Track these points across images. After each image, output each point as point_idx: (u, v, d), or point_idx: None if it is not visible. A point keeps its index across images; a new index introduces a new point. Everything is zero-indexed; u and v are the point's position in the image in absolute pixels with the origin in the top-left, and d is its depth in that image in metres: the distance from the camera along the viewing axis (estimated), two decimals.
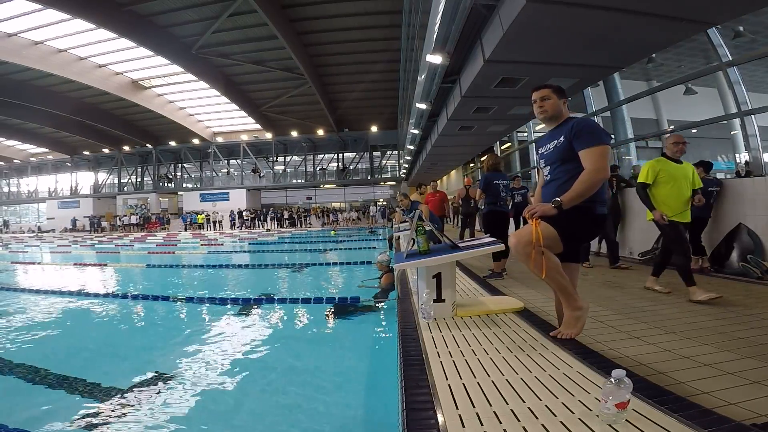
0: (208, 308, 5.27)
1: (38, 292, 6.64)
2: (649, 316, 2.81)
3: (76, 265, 10.86)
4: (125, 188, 34.33)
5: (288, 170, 33.44)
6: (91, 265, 10.81)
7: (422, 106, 9.39)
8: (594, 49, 5.12)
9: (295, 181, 33.05)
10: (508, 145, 14.63)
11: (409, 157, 20.78)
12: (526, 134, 12.90)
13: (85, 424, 2.43)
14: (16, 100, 21.97)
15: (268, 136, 29.91)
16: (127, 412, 2.56)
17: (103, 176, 35.48)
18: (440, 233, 3.45)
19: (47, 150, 33.84)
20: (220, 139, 31.80)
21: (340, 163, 32.60)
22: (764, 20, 7.55)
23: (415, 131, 12.90)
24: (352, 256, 9.87)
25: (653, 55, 8.07)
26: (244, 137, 31.34)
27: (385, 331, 3.95)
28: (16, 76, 20.69)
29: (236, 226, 26.66)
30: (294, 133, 29.88)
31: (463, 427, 1.40)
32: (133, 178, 34.77)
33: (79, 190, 35.26)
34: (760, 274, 3.96)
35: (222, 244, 16.49)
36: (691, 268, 3.28)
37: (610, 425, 1.35)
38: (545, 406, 1.51)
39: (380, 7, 16.30)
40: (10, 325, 4.87)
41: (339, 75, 22.17)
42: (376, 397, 2.69)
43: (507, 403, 1.55)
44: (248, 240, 17.94)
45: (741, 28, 7.15)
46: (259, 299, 5.47)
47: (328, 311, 4.71)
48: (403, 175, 29.14)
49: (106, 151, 32.94)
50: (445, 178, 25.18)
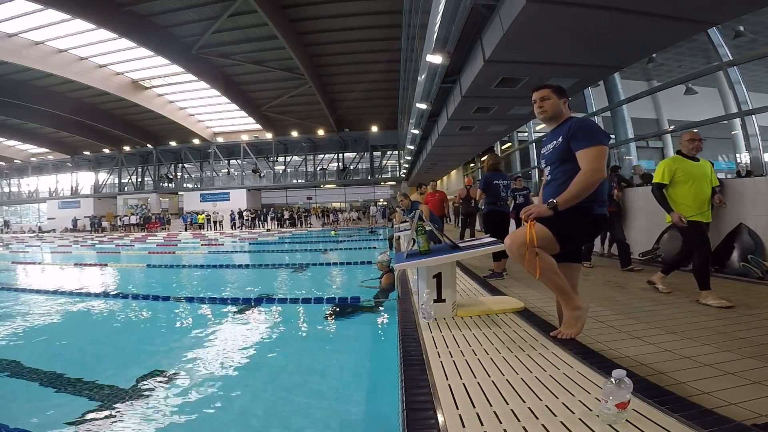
0: (209, 308, 5.27)
1: (39, 292, 6.65)
2: (650, 317, 2.81)
3: (77, 265, 10.87)
4: (126, 188, 34.35)
5: (288, 170, 33.45)
6: (92, 265, 10.82)
7: (422, 106, 9.39)
8: (594, 49, 5.11)
9: (295, 181, 33.06)
10: (509, 145, 14.62)
11: (409, 157, 20.78)
12: (526, 134, 12.89)
13: (85, 423, 2.43)
14: (17, 101, 22.00)
15: (269, 136, 29.91)
16: (128, 411, 2.56)
17: (103, 176, 35.51)
18: (440, 233, 3.45)
19: (48, 150, 33.87)
20: (220, 139, 31.81)
21: (340, 163, 32.59)
22: (764, 20, 7.54)
23: (416, 131, 12.90)
24: (352, 256, 9.87)
25: (653, 55, 8.07)
26: (245, 137, 31.35)
27: (386, 331, 3.95)
28: (16, 76, 20.70)
29: (236, 226, 26.68)
30: (294, 133, 29.88)
31: (464, 427, 1.40)
32: (134, 178, 34.78)
33: (80, 190, 35.30)
34: (761, 274, 3.96)
35: (222, 245, 16.49)
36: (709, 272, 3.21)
37: (610, 425, 1.35)
38: (545, 406, 1.51)
39: (380, 7, 16.30)
40: (10, 325, 4.86)
41: (339, 75, 22.17)
42: (377, 397, 2.69)
43: (507, 403, 1.55)
44: (248, 240, 17.95)
45: (741, 28, 7.14)
46: (260, 299, 5.47)
47: (329, 311, 4.71)
48: (404, 175, 29.14)
49: (106, 151, 32.96)
50: (445, 178, 25.18)
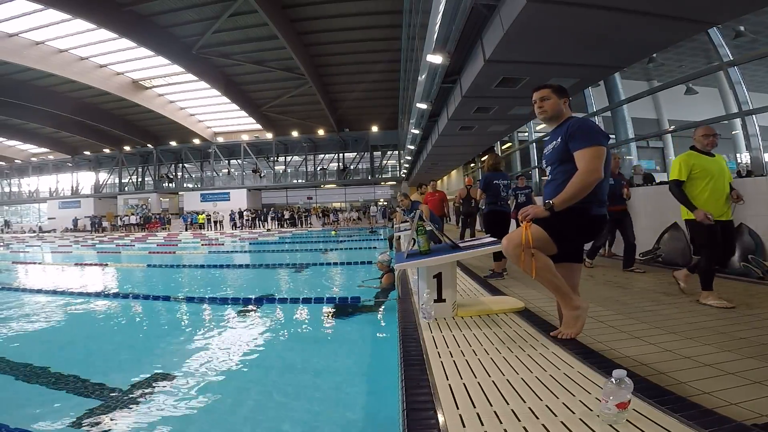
0: (209, 308, 5.28)
1: (39, 292, 6.65)
2: (650, 317, 2.81)
3: (77, 265, 10.88)
4: (126, 188, 34.37)
5: (288, 170, 33.47)
6: (92, 265, 10.83)
7: (423, 106, 9.39)
8: (595, 49, 5.11)
9: (295, 181, 33.07)
10: (509, 145, 14.62)
11: (409, 157, 20.78)
12: (526, 134, 12.89)
13: (85, 423, 2.43)
14: (17, 101, 22.02)
15: (269, 136, 29.92)
16: (128, 411, 2.57)
17: (103, 176, 35.54)
18: (441, 233, 3.45)
19: (48, 150, 33.89)
20: (220, 139, 31.83)
21: (340, 163, 32.60)
22: (765, 20, 7.53)
23: (416, 131, 12.89)
24: (352, 256, 9.87)
25: (654, 55, 8.06)
26: (245, 137, 31.36)
27: (386, 331, 3.95)
28: (16, 77, 20.73)
29: (237, 226, 26.69)
30: (294, 133, 29.89)
31: (464, 426, 1.40)
32: (134, 178, 34.81)
33: (80, 190, 35.34)
34: (761, 274, 3.96)
35: (223, 244, 16.50)
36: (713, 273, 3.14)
37: (610, 425, 1.35)
38: (546, 406, 1.51)
39: (381, 7, 16.31)
40: (10, 324, 4.87)
41: (339, 75, 22.18)
42: (377, 397, 2.69)
43: (507, 403, 1.55)
44: (249, 240, 17.96)
45: (742, 28, 7.13)
46: (260, 299, 5.47)
47: (329, 311, 4.71)
48: (404, 175, 29.15)
49: (106, 151, 32.99)
50: (445, 178, 25.18)
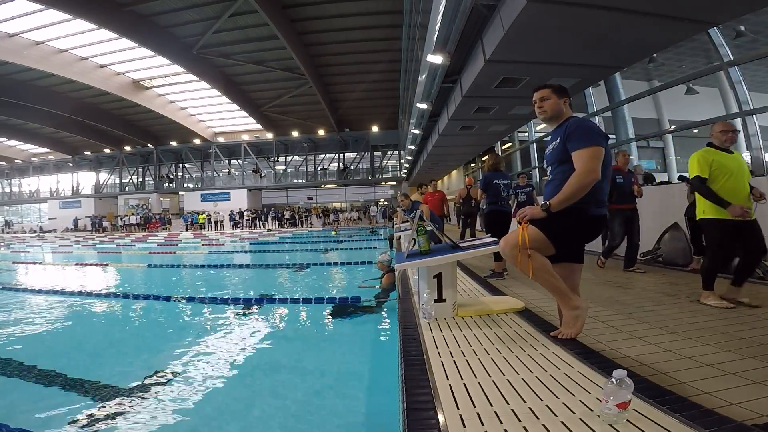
0: (209, 308, 5.28)
1: (40, 291, 6.65)
2: (651, 317, 2.80)
3: (78, 265, 10.88)
4: (126, 188, 34.39)
5: (289, 170, 33.48)
6: (93, 265, 10.83)
7: (423, 106, 9.39)
8: (595, 49, 5.11)
9: (296, 181, 33.08)
10: (509, 144, 14.61)
11: (410, 157, 20.78)
12: (527, 134, 12.88)
13: (86, 423, 2.43)
14: (18, 101, 22.03)
15: (269, 136, 29.92)
16: (128, 411, 2.57)
17: (104, 176, 35.56)
18: (441, 233, 3.45)
19: (49, 150, 33.91)
20: (221, 139, 31.83)
21: (341, 163, 32.60)
22: (766, 20, 7.51)
23: (416, 131, 12.89)
24: (352, 256, 9.87)
25: (654, 55, 8.05)
26: (245, 137, 31.37)
27: (386, 331, 3.95)
28: (17, 77, 20.74)
29: (237, 226, 26.70)
30: (295, 133, 29.89)
31: (464, 427, 1.40)
32: (135, 178, 34.82)
33: (81, 190, 35.36)
34: (762, 274, 3.95)
35: (223, 244, 16.51)
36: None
37: (611, 425, 1.35)
38: (546, 406, 1.51)
39: (381, 7, 16.30)
40: (11, 324, 4.87)
41: (340, 75, 22.18)
42: (377, 397, 2.69)
43: (508, 403, 1.55)
44: (249, 240, 17.96)
45: (742, 28, 7.12)
46: (260, 299, 5.47)
47: (329, 311, 4.71)
48: (404, 175, 29.15)
49: (107, 151, 33.00)
50: (446, 178, 25.17)
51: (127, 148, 32.88)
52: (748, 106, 5.32)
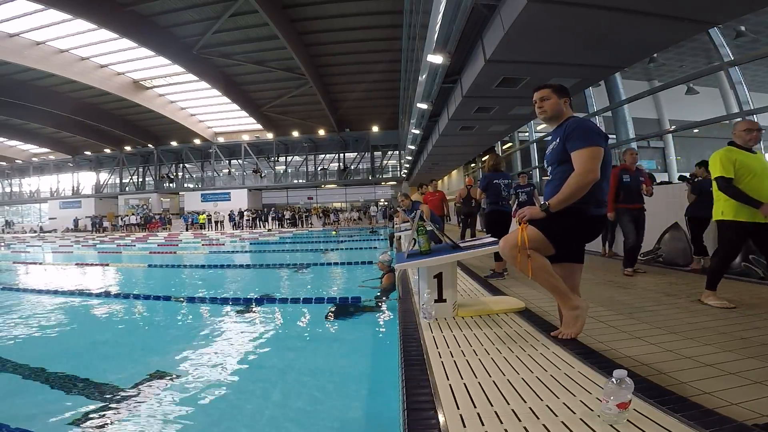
0: (210, 308, 5.28)
1: (40, 291, 6.66)
2: (651, 317, 2.80)
3: (78, 265, 10.89)
4: (127, 188, 34.38)
5: (289, 170, 33.47)
6: (93, 265, 10.84)
7: (423, 106, 9.39)
8: (595, 49, 5.11)
9: (296, 181, 33.07)
10: (510, 144, 14.61)
11: (410, 157, 20.77)
12: (527, 134, 12.88)
13: (86, 423, 2.43)
14: (18, 101, 22.03)
15: (270, 136, 29.92)
16: (129, 411, 2.57)
17: (104, 176, 35.54)
18: (441, 233, 3.45)
19: (49, 150, 33.91)
20: (221, 139, 31.83)
21: (341, 163, 32.60)
22: (766, 20, 7.51)
23: (416, 131, 12.89)
24: (353, 256, 9.87)
25: (655, 55, 8.06)
26: (246, 137, 31.36)
27: (386, 331, 3.95)
28: (17, 77, 20.74)
29: (237, 226, 26.70)
30: (295, 133, 29.89)
31: (464, 427, 1.40)
32: (135, 178, 34.82)
33: (81, 190, 35.34)
34: (762, 275, 3.95)
35: (223, 245, 16.51)
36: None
37: (611, 425, 1.35)
38: (546, 406, 1.51)
39: (381, 7, 16.30)
40: (11, 324, 4.88)
41: (340, 75, 22.18)
42: (377, 397, 2.69)
43: (508, 403, 1.55)
44: (249, 240, 17.97)
45: (743, 28, 7.12)
46: (260, 299, 5.48)
47: (329, 311, 4.71)
48: (404, 175, 29.14)
49: (107, 151, 33.00)
50: (446, 178, 25.16)
51: (128, 148, 32.87)
52: (749, 106, 5.32)
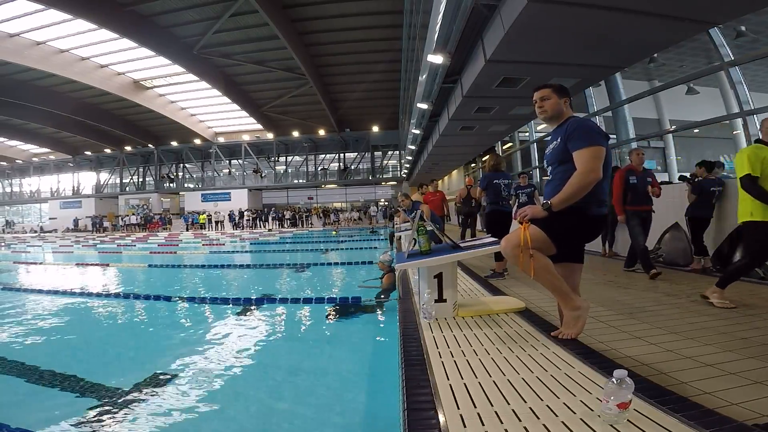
0: (210, 308, 5.28)
1: (40, 291, 6.65)
2: (651, 317, 2.80)
3: (79, 265, 10.89)
4: (127, 188, 34.41)
5: (289, 170, 33.48)
6: (93, 265, 10.84)
7: (423, 106, 9.39)
8: (595, 49, 5.11)
9: (296, 181, 33.09)
10: (510, 144, 14.61)
11: (410, 157, 20.78)
12: (527, 134, 12.88)
13: (87, 423, 2.43)
14: (18, 101, 22.05)
15: (270, 136, 29.94)
16: (129, 412, 2.57)
17: (105, 176, 35.57)
18: (441, 233, 3.45)
19: (49, 150, 33.94)
20: (221, 139, 31.84)
21: (341, 163, 32.60)
22: (766, 20, 7.51)
23: (417, 131, 12.89)
24: (353, 256, 9.87)
25: (655, 55, 8.06)
26: (246, 137, 31.38)
27: (386, 331, 3.95)
28: (17, 77, 20.76)
29: (238, 226, 26.71)
30: (295, 133, 29.91)
31: (465, 426, 1.40)
32: (135, 178, 34.83)
33: (81, 190, 35.37)
34: (763, 275, 3.94)
35: (224, 245, 16.51)
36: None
37: (611, 425, 1.35)
38: (546, 406, 1.51)
39: (381, 7, 16.31)
40: (12, 324, 4.88)
41: (340, 75, 22.19)
42: (377, 396, 2.69)
43: (508, 403, 1.55)
44: (250, 240, 17.97)
45: (743, 28, 7.12)
46: (261, 299, 5.47)
47: (329, 311, 4.71)
48: (405, 175, 29.14)
49: (108, 151, 33.03)
50: (446, 178, 25.16)
51: (128, 148, 32.90)
52: (749, 106, 5.31)
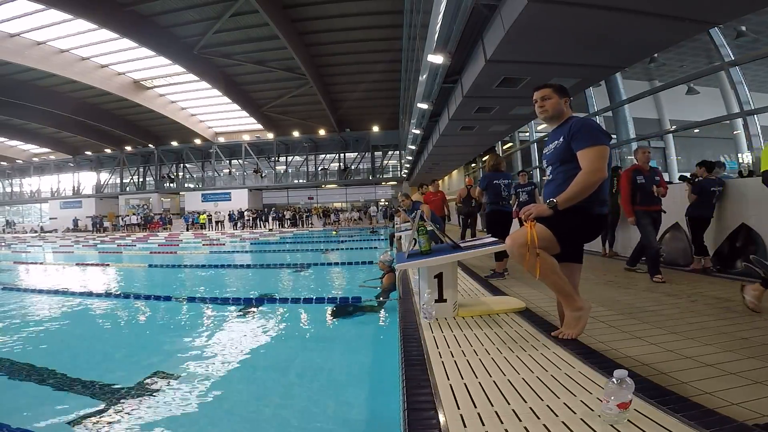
0: (210, 308, 5.29)
1: (41, 292, 6.66)
2: (652, 317, 2.80)
3: (79, 265, 10.90)
4: (127, 188, 34.42)
5: (289, 170, 33.49)
6: (94, 265, 10.85)
7: (423, 106, 9.39)
8: (596, 49, 5.11)
9: (296, 181, 33.10)
10: (510, 144, 14.61)
11: (410, 157, 20.78)
12: (527, 134, 12.88)
13: (87, 423, 2.43)
14: (19, 101, 22.06)
15: (270, 136, 29.94)
16: (130, 411, 2.57)
17: (105, 176, 35.58)
18: (442, 233, 3.45)
19: (49, 150, 33.94)
20: (221, 139, 31.85)
21: (341, 163, 32.61)
22: (766, 20, 7.50)
23: (417, 131, 12.89)
24: (353, 256, 9.88)
25: (655, 55, 8.05)
26: (246, 137, 31.38)
27: (387, 331, 3.95)
28: (18, 77, 20.76)
29: (238, 226, 26.71)
30: (295, 133, 29.91)
31: (465, 427, 1.40)
32: (135, 178, 34.84)
33: (82, 190, 35.38)
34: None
35: (224, 245, 16.51)
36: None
37: (611, 425, 1.35)
38: (547, 406, 1.51)
39: (381, 7, 16.31)
40: (12, 324, 4.88)
41: (340, 75, 22.19)
42: (378, 396, 2.69)
43: (509, 403, 1.55)
44: (250, 240, 17.97)
45: (743, 28, 7.11)
46: (261, 299, 5.48)
47: (330, 311, 4.71)
48: (405, 175, 29.13)
49: (108, 151, 33.05)
50: (446, 177, 25.16)
51: (128, 148, 32.90)
52: (749, 106, 5.32)
